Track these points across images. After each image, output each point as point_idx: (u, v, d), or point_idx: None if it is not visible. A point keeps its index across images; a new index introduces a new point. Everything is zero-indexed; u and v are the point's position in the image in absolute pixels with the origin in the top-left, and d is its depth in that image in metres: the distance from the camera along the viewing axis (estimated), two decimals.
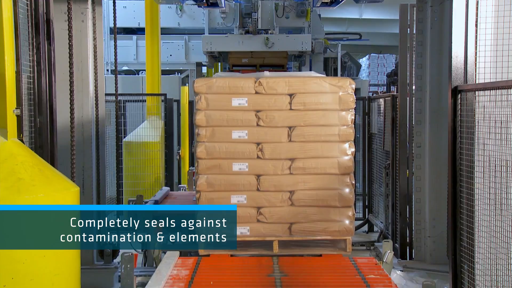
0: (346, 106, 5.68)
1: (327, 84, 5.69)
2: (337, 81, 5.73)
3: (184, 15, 16.93)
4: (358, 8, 23.21)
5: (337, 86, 5.69)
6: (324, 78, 5.75)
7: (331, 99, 5.68)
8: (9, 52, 4.51)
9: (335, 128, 5.67)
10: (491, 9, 5.39)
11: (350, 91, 5.71)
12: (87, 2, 7.58)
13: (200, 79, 5.76)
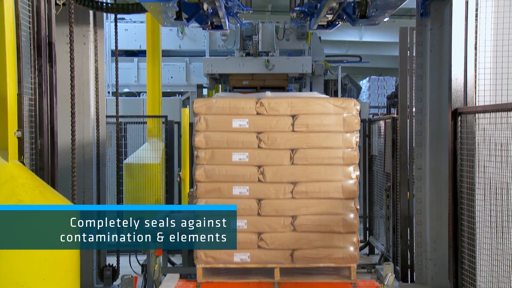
0: (351, 128, 5.57)
1: (331, 105, 5.58)
2: (341, 102, 5.61)
3: (185, 38, 17.01)
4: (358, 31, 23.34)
5: (341, 108, 5.57)
6: (328, 99, 5.64)
7: (335, 120, 5.57)
8: (11, 75, 4.53)
9: (339, 151, 5.55)
10: (490, 33, 5.43)
11: (355, 112, 5.59)
12: (89, 25, 7.63)
13: (199, 100, 5.64)
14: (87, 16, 7.61)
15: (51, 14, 5.41)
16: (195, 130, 5.58)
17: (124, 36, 15.55)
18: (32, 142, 5.11)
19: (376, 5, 6.63)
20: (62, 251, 4.29)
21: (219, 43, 16.29)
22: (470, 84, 5.44)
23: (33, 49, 5.12)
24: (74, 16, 6.32)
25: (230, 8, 6.93)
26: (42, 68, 5.23)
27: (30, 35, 5.08)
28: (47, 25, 5.33)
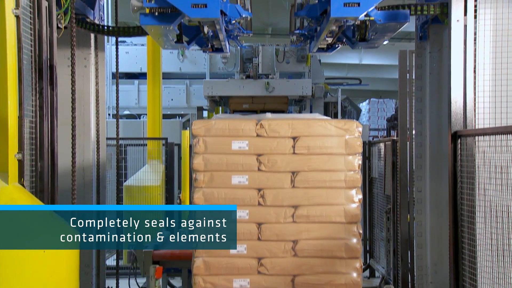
0: (353, 150, 5.43)
1: (332, 127, 5.45)
2: (343, 123, 5.48)
3: (185, 60, 17.11)
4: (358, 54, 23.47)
5: (343, 129, 5.44)
6: (330, 121, 5.52)
7: (337, 142, 5.43)
8: (12, 98, 4.55)
9: (341, 174, 5.41)
10: (489, 56, 5.46)
11: (357, 134, 5.47)
12: (90, 48, 7.67)
13: (198, 121, 5.51)
14: (89, 39, 7.66)
15: (53, 37, 5.44)
16: (193, 153, 5.47)
17: (125, 59, 15.64)
18: (32, 165, 5.11)
19: (376, 29, 6.67)
20: (60, 272, 4.28)
21: (219, 65, 16.38)
22: (470, 107, 5.46)
23: (34, 72, 5.15)
24: (76, 39, 6.36)
25: (231, 31, 6.97)
26: (43, 90, 5.25)
27: (32, 58, 5.11)
28: (49, 48, 5.36)
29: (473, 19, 5.48)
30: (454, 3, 5.52)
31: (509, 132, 4.53)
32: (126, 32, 7.30)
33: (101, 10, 7.94)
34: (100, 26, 7.31)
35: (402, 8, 6.41)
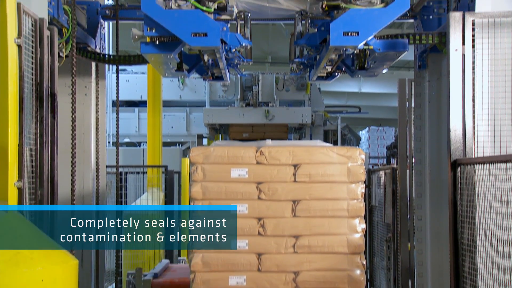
0: (356, 178, 5.31)
1: (334, 154, 5.33)
2: (345, 151, 5.36)
3: (185, 88, 17.19)
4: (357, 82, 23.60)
5: (346, 157, 5.32)
6: (332, 148, 5.40)
7: (339, 170, 5.30)
8: (13, 126, 4.57)
9: (344, 202, 5.28)
10: (488, 85, 5.49)
11: (360, 162, 5.34)
12: (91, 76, 7.72)
13: (196, 148, 5.38)
14: (89, 68, 7.71)
15: (54, 66, 5.48)
16: (191, 180, 5.34)
17: (125, 87, 15.73)
18: (32, 193, 5.10)
19: (375, 58, 6.72)
20: None
21: (219, 93, 16.47)
22: (469, 135, 5.47)
23: (35, 100, 5.17)
24: (77, 68, 6.40)
25: (231, 59, 7.01)
26: (44, 119, 5.27)
27: (33, 86, 5.14)
28: (50, 76, 5.39)
29: (471, 49, 5.52)
30: (452, 33, 5.56)
31: (509, 161, 4.53)
32: (126, 60, 7.35)
33: (102, 39, 8.00)
34: (101, 54, 7.36)
35: (400, 38, 6.46)
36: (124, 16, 7.84)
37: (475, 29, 5.51)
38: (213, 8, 6.03)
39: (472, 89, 5.49)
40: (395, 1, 5.79)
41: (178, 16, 5.85)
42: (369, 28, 5.87)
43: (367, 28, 5.86)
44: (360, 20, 5.85)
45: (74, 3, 6.31)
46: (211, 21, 5.91)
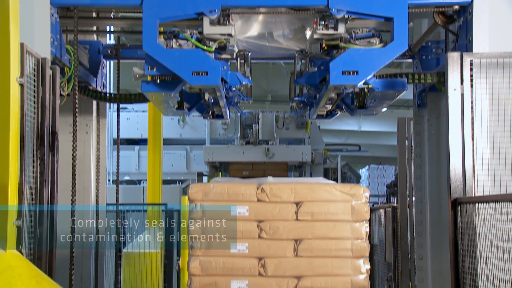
0: (360, 217, 5.16)
1: (338, 192, 5.19)
2: (349, 188, 5.22)
3: (186, 126, 17.24)
4: (357, 121, 23.68)
5: (349, 194, 5.19)
6: (335, 185, 5.26)
7: (343, 208, 5.15)
8: (13, 164, 4.57)
9: (348, 242, 5.13)
10: (486, 124, 5.51)
11: (364, 200, 5.20)
12: (92, 115, 7.76)
13: (195, 185, 5.26)
14: (91, 106, 7.76)
15: (56, 104, 5.52)
16: (190, 218, 5.22)
17: (126, 125, 15.79)
18: (31, 231, 5.08)
19: (374, 96, 6.77)
20: None
21: (219, 131, 16.51)
22: (469, 174, 5.47)
23: (36, 139, 5.19)
24: (78, 106, 6.44)
25: (231, 98, 7.06)
26: (44, 157, 5.28)
27: (34, 125, 5.17)
28: (51, 115, 5.42)
29: (470, 88, 5.56)
30: (450, 73, 5.61)
31: (509, 200, 4.53)
32: (127, 99, 7.39)
33: (103, 78, 8.06)
34: (102, 93, 7.41)
35: (400, 77, 6.52)
36: (125, 55, 7.92)
37: (473, 69, 5.56)
38: (213, 48, 6.10)
39: (471, 128, 5.51)
40: (394, 41, 5.87)
41: (179, 55, 5.91)
42: (368, 68, 5.93)
43: (366, 68, 5.92)
44: (359, 59, 5.92)
45: (77, 43, 6.38)
46: (212, 60, 5.97)
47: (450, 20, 6.42)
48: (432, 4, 6.13)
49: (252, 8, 6.31)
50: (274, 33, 6.78)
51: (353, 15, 6.08)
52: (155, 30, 5.88)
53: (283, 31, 6.79)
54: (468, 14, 5.98)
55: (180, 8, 5.92)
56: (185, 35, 6.01)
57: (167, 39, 6.03)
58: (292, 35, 6.82)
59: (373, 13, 5.93)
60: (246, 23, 6.65)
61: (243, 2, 6.04)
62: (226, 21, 6.13)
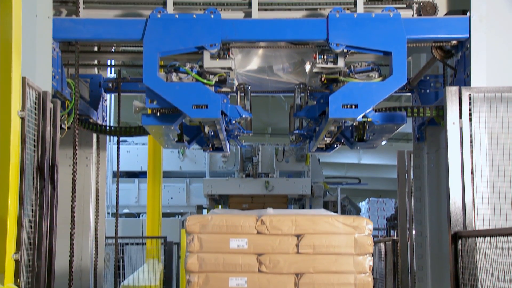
0: (363, 250, 5.01)
1: (340, 224, 5.03)
2: (351, 220, 5.07)
3: (186, 159, 17.26)
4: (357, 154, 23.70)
5: (352, 227, 5.04)
6: (337, 217, 5.12)
7: (345, 241, 5.00)
8: (13, 197, 4.57)
9: (350, 276, 4.96)
10: (486, 158, 5.52)
11: (367, 232, 5.05)
12: (92, 148, 7.77)
13: (193, 217, 5.10)
14: (91, 139, 7.77)
15: (56, 137, 5.52)
16: (187, 251, 5.05)
17: (126, 158, 15.80)
18: (29, 265, 5.04)
19: (374, 130, 6.79)
20: None
21: (219, 164, 16.52)
22: (469, 207, 5.46)
23: (36, 172, 5.19)
24: (78, 139, 6.45)
25: (231, 130, 7.08)
26: (44, 190, 5.27)
27: (34, 158, 5.17)
28: (51, 148, 5.43)
29: (469, 122, 5.58)
30: (449, 106, 5.63)
31: (510, 234, 4.51)
32: (128, 132, 7.41)
33: (104, 111, 8.10)
34: (102, 126, 7.43)
35: (399, 110, 6.55)
36: (126, 88, 7.98)
37: (471, 103, 5.59)
38: (214, 81, 6.14)
39: (471, 162, 5.51)
40: (393, 75, 5.91)
41: (179, 88, 5.95)
42: (368, 101, 5.96)
43: (366, 101, 5.96)
44: (358, 93, 5.95)
45: (78, 77, 6.42)
46: (212, 93, 6.01)
47: (448, 55, 6.48)
48: (430, 39, 6.19)
49: (252, 42, 6.37)
50: (274, 66, 6.83)
51: (352, 49, 6.13)
52: (155, 64, 5.93)
53: (283, 65, 6.84)
54: (465, 49, 6.04)
55: (180, 42, 5.98)
56: (185, 69, 6.06)
57: (167, 72, 6.08)
58: (292, 69, 6.88)
59: (372, 48, 5.99)
60: (246, 56, 6.71)
61: (243, 36, 6.09)
62: (226, 55, 6.18)
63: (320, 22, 5.98)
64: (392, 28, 5.93)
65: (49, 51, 5.82)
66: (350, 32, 5.93)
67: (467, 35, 5.93)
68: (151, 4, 6.20)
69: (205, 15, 5.97)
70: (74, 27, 6.05)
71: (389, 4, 6.14)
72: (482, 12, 5.85)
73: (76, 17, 6.13)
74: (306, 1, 6.22)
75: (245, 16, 6.20)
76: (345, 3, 6.15)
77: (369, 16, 5.97)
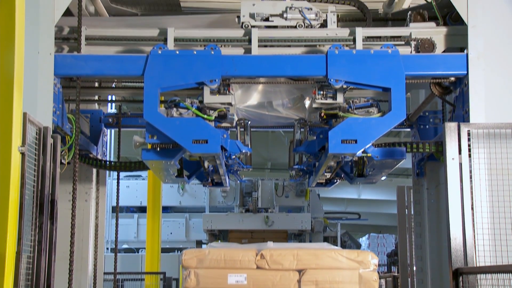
0: (368, 286, 4.97)
1: (344, 259, 4.96)
2: (356, 255, 4.99)
3: (185, 194, 17.22)
4: (356, 189, 23.65)
5: (357, 262, 4.98)
6: (340, 251, 5.02)
7: (350, 277, 4.92)
8: (11, 233, 4.54)
9: None
10: (486, 194, 5.51)
11: (372, 267, 5.00)
12: (91, 183, 7.77)
13: (190, 251, 5.02)
14: (91, 174, 7.78)
15: (56, 172, 5.52)
16: (183, 287, 4.97)
17: (125, 193, 15.74)
18: None
19: (373, 165, 6.80)
20: None
21: (219, 199, 16.48)
22: (470, 244, 5.43)
23: (35, 207, 5.17)
24: (78, 174, 6.44)
25: (231, 166, 7.09)
26: (43, 225, 5.24)
27: (34, 193, 5.15)
28: (51, 183, 5.42)
29: (468, 158, 5.59)
30: (448, 142, 5.65)
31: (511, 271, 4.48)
32: (127, 167, 7.42)
33: (104, 146, 8.12)
34: (102, 161, 7.44)
35: (398, 146, 6.56)
36: (126, 123, 8.01)
37: (470, 139, 5.61)
38: (214, 116, 6.17)
39: (471, 198, 5.50)
40: (392, 111, 5.94)
41: (179, 123, 5.97)
42: (367, 137, 5.98)
43: (365, 137, 5.97)
44: (358, 128, 5.97)
45: (78, 113, 6.44)
46: (212, 128, 6.03)
47: (447, 91, 6.53)
48: (429, 75, 6.24)
49: (252, 78, 6.41)
50: (273, 102, 6.87)
51: (351, 85, 6.17)
52: (156, 99, 5.96)
53: (283, 100, 6.88)
54: (464, 85, 6.08)
55: (181, 78, 6.02)
56: (185, 104, 6.09)
57: (168, 108, 6.11)
58: (292, 104, 6.91)
59: (371, 84, 6.03)
60: (246, 92, 6.75)
61: (243, 72, 6.14)
62: (226, 91, 6.22)
63: (320, 58, 6.03)
64: (390, 64, 5.97)
65: (50, 87, 5.86)
66: (349, 68, 5.97)
67: (465, 72, 5.98)
68: (152, 41, 6.26)
69: (205, 51, 6.02)
70: (75, 63, 6.10)
71: (388, 41, 6.20)
72: (479, 50, 5.90)
73: (77, 53, 6.19)
74: (305, 38, 6.28)
75: (245, 52, 6.26)
76: (344, 39, 6.22)
77: (368, 52, 6.02)
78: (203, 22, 6.97)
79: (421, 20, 6.40)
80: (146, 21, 7.09)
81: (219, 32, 6.32)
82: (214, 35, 6.28)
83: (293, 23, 6.33)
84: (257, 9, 6.32)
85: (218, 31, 6.33)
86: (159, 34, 6.29)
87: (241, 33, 6.28)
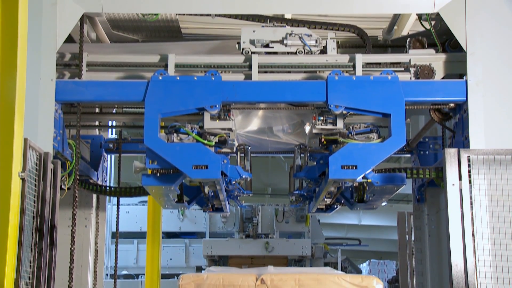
0: None
1: (348, 284, 4.85)
2: (360, 280, 4.87)
3: (185, 219, 17.16)
4: (357, 215, 23.60)
5: (361, 287, 4.86)
6: (344, 276, 4.94)
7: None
8: (10, 259, 4.52)
9: None
10: (486, 220, 5.50)
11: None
12: (91, 208, 7.76)
13: (187, 275, 4.94)
14: (90, 200, 7.77)
15: (56, 198, 5.51)
16: None
17: (125, 218, 15.67)
18: None
19: (373, 191, 6.79)
20: None
21: (219, 225, 16.43)
22: (471, 270, 5.41)
23: (35, 232, 5.15)
24: (78, 200, 6.44)
25: (231, 191, 7.09)
26: (42, 251, 5.22)
27: (33, 219, 5.14)
28: (51, 209, 5.41)
29: (468, 184, 5.58)
30: (448, 168, 5.65)
31: None
32: (127, 192, 7.41)
33: (104, 171, 8.12)
34: (102, 187, 7.44)
35: (398, 172, 6.55)
36: (126, 149, 8.02)
37: (471, 165, 5.61)
38: (214, 142, 6.18)
39: (472, 224, 5.49)
40: (392, 136, 5.95)
41: (180, 149, 5.98)
42: (367, 162, 5.98)
43: (365, 162, 5.97)
44: (358, 154, 5.97)
45: (79, 138, 6.46)
46: (212, 154, 6.03)
47: (447, 117, 6.54)
48: (428, 101, 6.26)
49: (252, 103, 6.44)
50: (273, 127, 6.89)
51: (351, 111, 6.19)
52: (156, 125, 5.97)
53: (283, 126, 6.90)
54: (463, 111, 6.10)
55: (181, 103, 6.04)
56: (186, 130, 6.10)
57: (168, 133, 6.12)
58: (292, 130, 6.93)
59: (371, 109, 6.05)
60: (246, 118, 6.77)
61: (244, 98, 6.16)
62: (227, 116, 6.24)
63: (320, 84, 6.06)
64: (390, 90, 6.00)
65: (51, 112, 5.88)
66: (349, 94, 5.99)
67: (464, 98, 6.00)
68: (153, 67, 6.30)
69: (206, 77, 6.05)
70: (76, 89, 6.13)
71: (387, 67, 6.24)
72: (478, 76, 5.93)
73: (79, 79, 6.22)
74: (305, 64, 6.32)
75: (245, 78, 6.29)
76: (344, 66, 6.26)
77: (368, 78, 6.05)
78: (204, 48, 7.02)
79: (420, 47, 6.45)
80: (147, 47, 7.15)
81: (220, 58, 6.36)
82: (214, 61, 6.32)
83: (293, 49, 6.37)
84: (258, 36, 6.37)
85: (219, 57, 6.37)
86: (160, 60, 6.33)
87: (241, 59, 6.32)
